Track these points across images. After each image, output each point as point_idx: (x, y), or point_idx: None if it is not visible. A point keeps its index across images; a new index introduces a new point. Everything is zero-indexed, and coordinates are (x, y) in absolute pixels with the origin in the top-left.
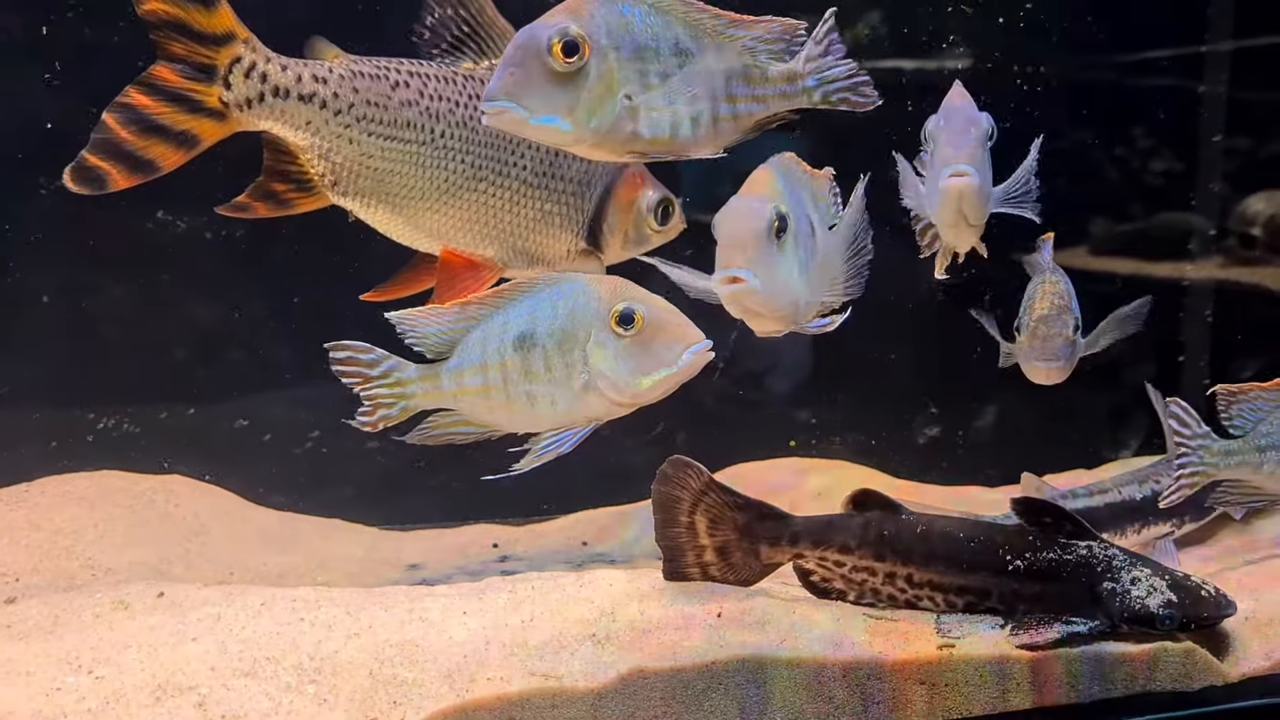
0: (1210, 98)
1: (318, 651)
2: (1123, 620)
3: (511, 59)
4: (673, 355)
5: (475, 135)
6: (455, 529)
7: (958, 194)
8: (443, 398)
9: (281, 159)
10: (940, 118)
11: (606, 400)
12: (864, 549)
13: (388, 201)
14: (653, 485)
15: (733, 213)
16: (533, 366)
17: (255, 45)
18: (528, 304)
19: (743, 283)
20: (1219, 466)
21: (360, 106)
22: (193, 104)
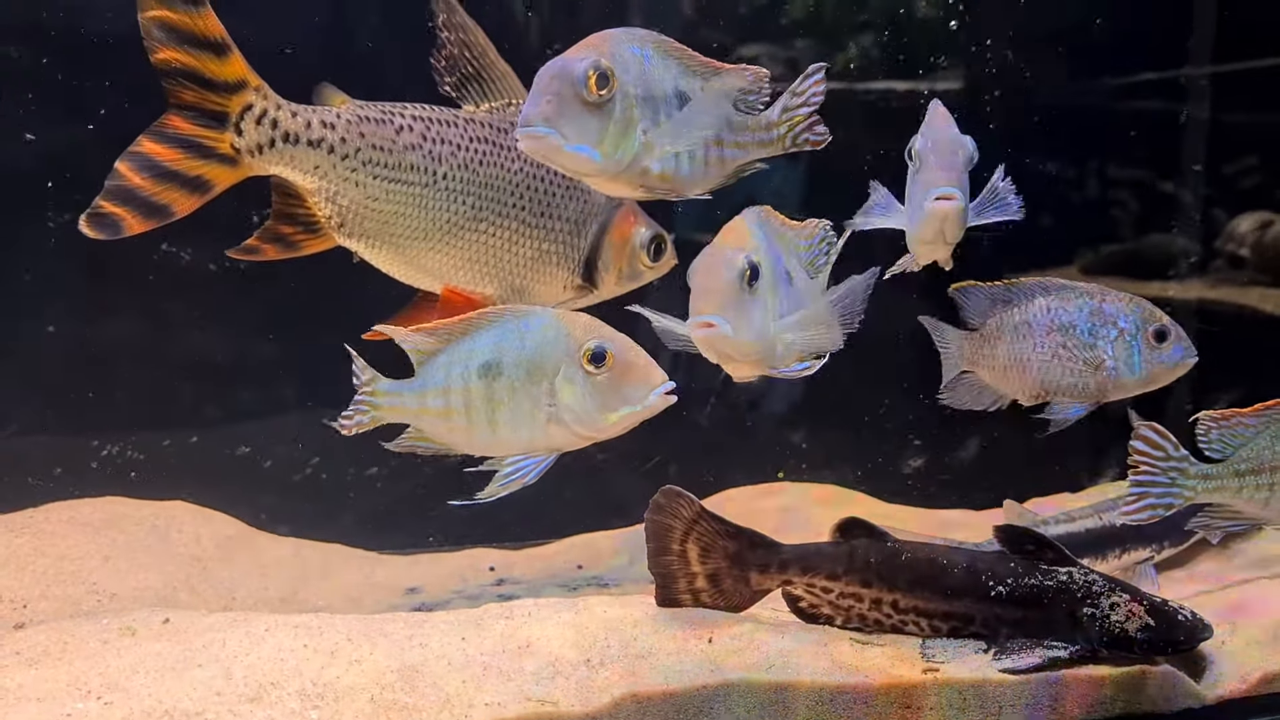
0: (1193, 122)
1: (320, 677)
2: (1102, 644)
3: (547, 87)
4: (639, 395)
5: (476, 177)
6: (453, 553)
7: (942, 216)
8: (406, 414)
9: (289, 202)
10: (926, 139)
11: (570, 433)
12: (851, 576)
13: (391, 242)
14: (646, 514)
15: (706, 261)
16: (497, 394)
17: (266, 92)
18: (495, 333)
19: (714, 328)
20: (1196, 490)
21: (366, 150)
22: (205, 150)
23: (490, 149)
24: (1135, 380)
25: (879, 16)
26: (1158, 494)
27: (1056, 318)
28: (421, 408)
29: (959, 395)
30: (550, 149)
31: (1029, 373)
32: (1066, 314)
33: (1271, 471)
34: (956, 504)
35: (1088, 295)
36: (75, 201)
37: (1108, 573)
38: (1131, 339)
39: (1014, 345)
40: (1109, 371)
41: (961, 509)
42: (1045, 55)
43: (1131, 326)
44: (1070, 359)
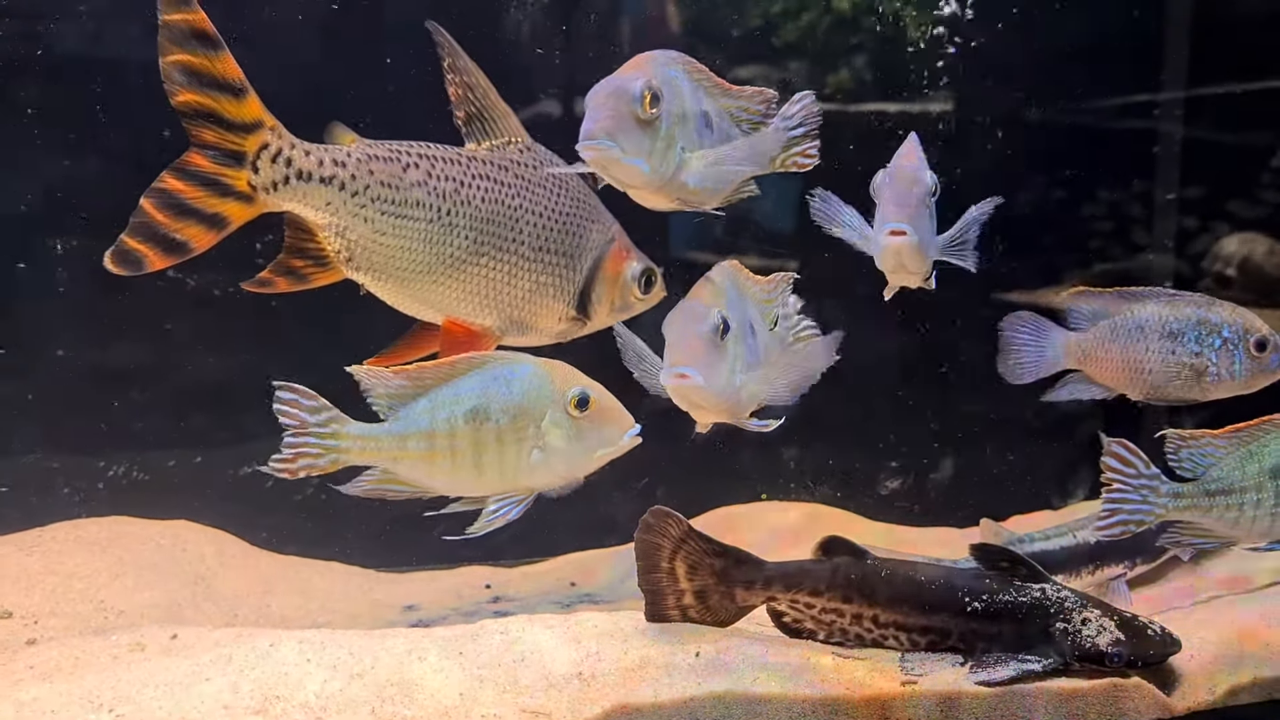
0: (1166, 145)
1: (324, 690)
2: (1075, 658)
3: (604, 105)
4: (615, 436)
5: (477, 213)
6: (450, 571)
7: (896, 251)
8: (379, 458)
9: (301, 237)
10: (887, 175)
11: (552, 473)
12: (833, 592)
13: (396, 275)
14: (635, 533)
15: (681, 316)
16: (483, 438)
17: (281, 131)
18: (478, 380)
19: (688, 379)
20: (1167, 508)
21: (375, 188)
22: (223, 188)
23: (491, 186)
24: (1235, 384)
25: (868, 39)
26: (1129, 510)
27: (1167, 325)
28: (401, 451)
29: (1065, 392)
30: (610, 160)
31: (1141, 374)
32: (1176, 322)
33: (1241, 492)
34: (934, 522)
35: (1195, 305)
36: (82, 227)
37: (1082, 588)
38: (1234, 347)
39: (1128, 349)
40: (1212, 377)
41: (941, 527)
42: (1027, 79)
43: (1234, 336)
44: (1178, 364)
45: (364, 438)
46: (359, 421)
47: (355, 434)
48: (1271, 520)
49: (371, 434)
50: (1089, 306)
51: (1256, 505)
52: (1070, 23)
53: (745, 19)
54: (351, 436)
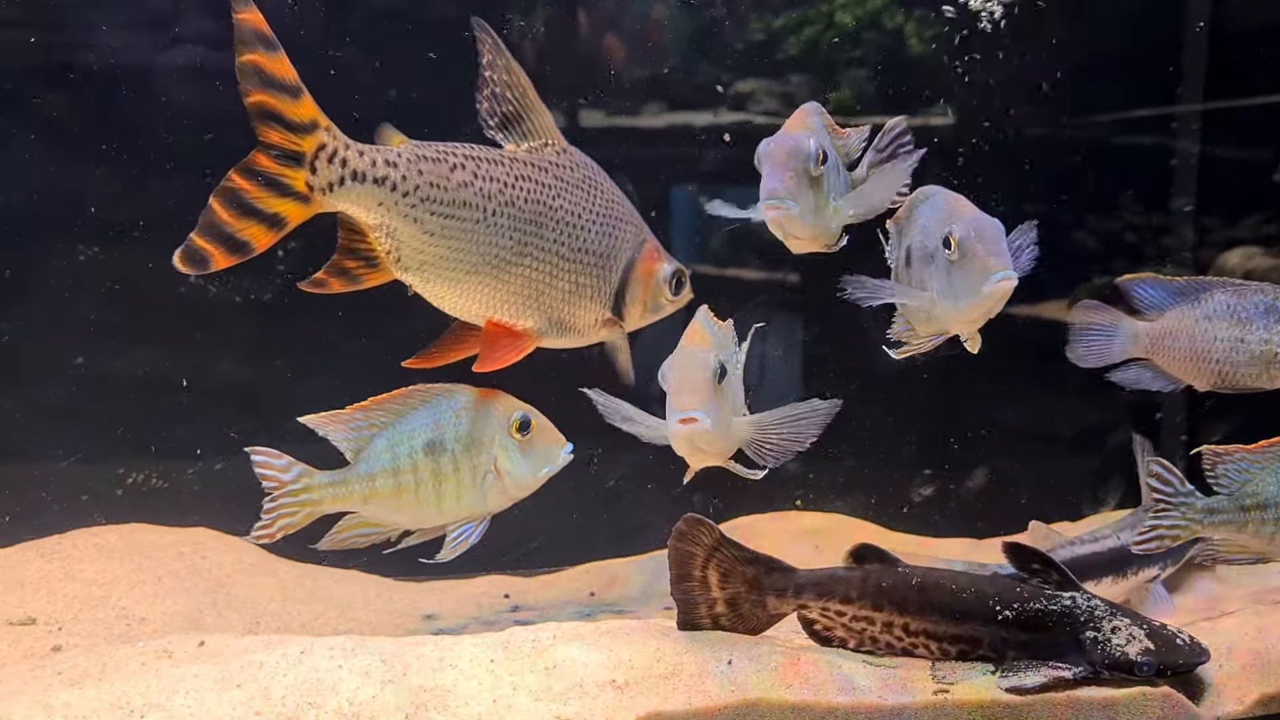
0: (1182, 159)
1: (356, 697)
2: (1104, 666)
3: (785, 164)
4: (554, 455)
5: (521, 213)
6: (468, 580)
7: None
8: (351, 501)
9: (354, 238)
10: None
11: (506, 494)
12: (863, 600)
13: (443, 276)
14: (669, 541)
15: (684, 362)
16: (443, 468)
17: (335, 132)
18: (428, 413)
19: (698, 423)
20: (1202, 523)
21: (425, 188)
22: (283, 188)
23: (532, 187)
24: None
25: (873, 53)
26: (1167, 527)
27: (1236, 314)
28: (370, 490)
29: (1131, 376)
30: (788, 219)
31: (1209, 363)
32: (1245, 311)
33: (1276, 507)
34: (964, 533)
35: (1261, 293)
36: (102, 234)
37: (1124, 590)
38: None
39: (1196, 338)
40: None
41: (969, 538)
42: (1036, 92)
43: None
44: (1247, 352)
45: (334, 484)
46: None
47: (325, 482)
48: None
49: (340, 479)
50: (1154, 293)
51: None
52: (1080, 34)
53: (747, 32)
54: (322, 486)
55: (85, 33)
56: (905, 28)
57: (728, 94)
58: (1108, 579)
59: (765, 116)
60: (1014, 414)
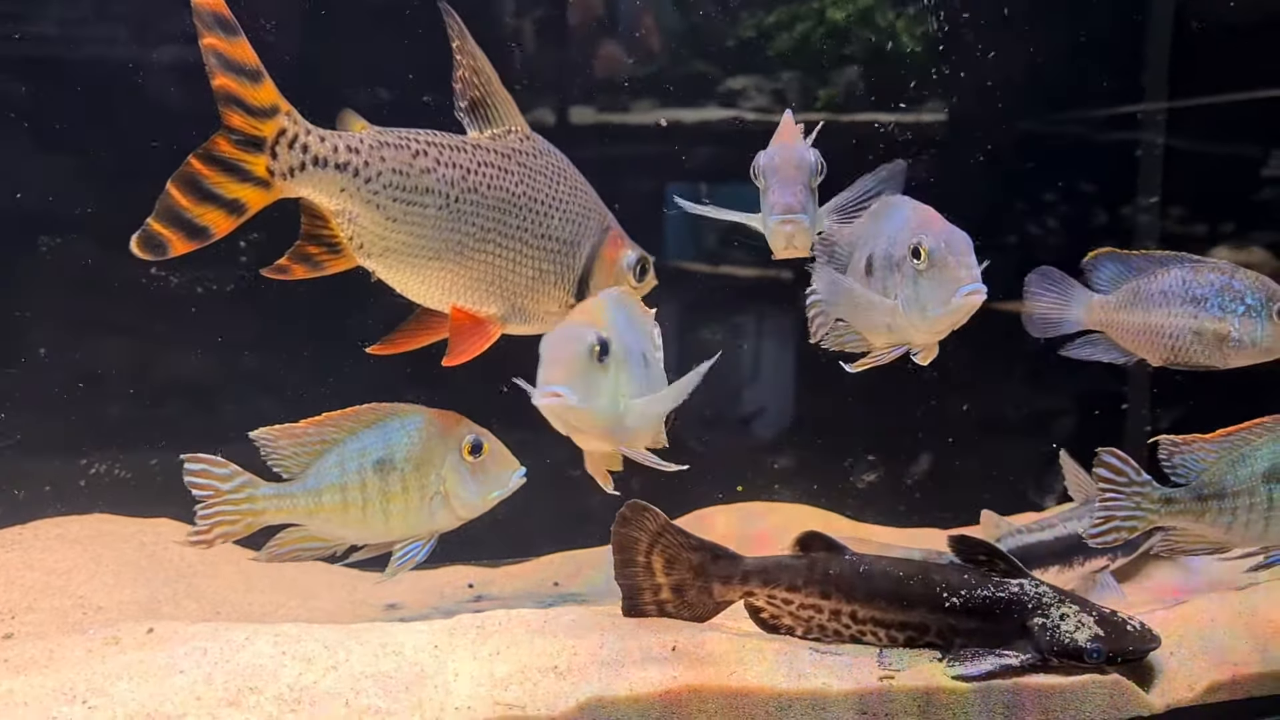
0: (1147, 154)
1: (298, 682)
2: (1052, 654)
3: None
4: (505, 479)
5: (483, 200)
6: (432, 571)
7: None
8: (295, 514)
9: (316, 224)
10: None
11: (454, 515)
12: (810, 587)
13: (406, 262)
14: (612, 527)
15: (557, 335)
16: (391, 487)
17: (296, 118)
18: (380, 432)
19: (559, 398)
20: (1159, 513)
21: (387, 174)
22: (243, 173)
23: (495, 173)
24: (1256, 351)
25: (861, 50)
26: (1122, 517)
27: (1191, 290)
28: (317, 505)
29: (1085, 351)
30: (800, 232)
31: (1162, 339)
32: (1200, 288)
33: (1234, 496)
34: (909, 522)
35: (1219, 271)
36: (65, 224)
37: (1070, 580)
38: (1257, 314)
39: (1150, 313)
40: (1234, 343)
41: (917, 526)
42: (1012, 90)
43: (1258, 303)
44: (1200, 329)
45: (279, 497)
46: (270, 482)
47: (270, 494)
48: (1265, 524)
49: (286, 492)
50: (1113, 268)
51: (1249, 509)
52: (1055, 31)
53: (739, 29)
54: (266, 498)
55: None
56: (896, 24)
57: (716, 90)
58: (1054, 568)
59: (754, 113)
60: (981, 404)
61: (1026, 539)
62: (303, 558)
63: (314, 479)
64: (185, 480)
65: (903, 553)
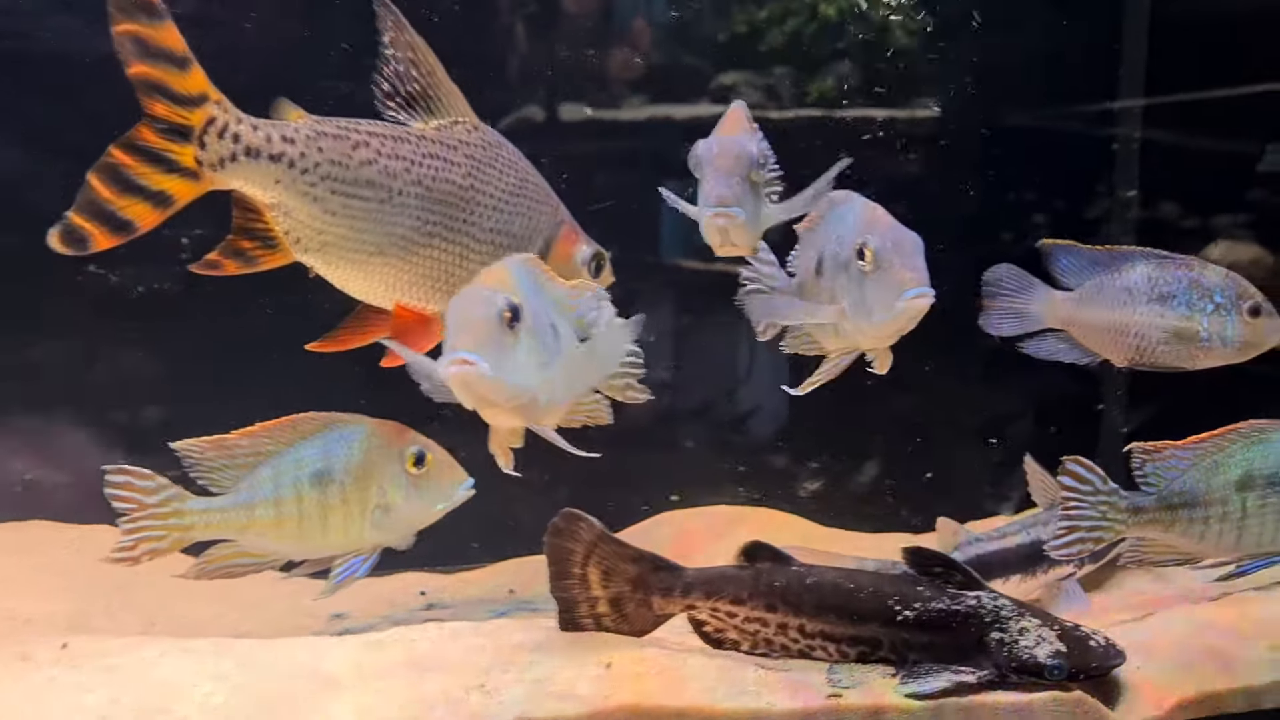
0: (1124, 148)
1: (208, 702)
2: (1011, 670)
3: (731, 170)
4: (450, 491)
5: (428, 193)
6: (384, 578)
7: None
8: (227, 529)
9: (249, 217)
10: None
11: (395, 529)
12: (756, 600)
13: (346, 258)
14: (545, 537)
15: (464, 298)
16: (330, 500)
17: (227, 106)
18: (319, 444)
19: (471, 366)
20: (1126, 523)
21: (325, 166)
22: (169, 164)
23: (441, 165)
24: (1227, 352)
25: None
26: (1088, 527)
27: (1157, 287)
28: (249, 520)
29: (1046, 349)
30: (735, 227)
31: (1126, 338)
32: (1166, 284)
33: (1205, 505)
34: (853, 526)
35: (1186, 267)
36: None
37: (1034, 588)
38: (1227, 313)
39: (1114, 310)
40: (1203, 342)
41: (885, 531)
42: (994, 86)
43: (1227, 301)
44: (1167, 328)
45: (209, 511)
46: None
47: (199, 509)
48: (1239, 534)
49: (217, 507)
50: (1075, 263)
51: (1222, 519)
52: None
53: (730, 25)
54: (195, 512)
55: None
56: (889, 19)
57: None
58: (1015, 577)
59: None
60: (930, 406)
61: (987, 547)
62: (235, 574)
63: (247, 492)
64: (105, 493)
65: (855, 563)
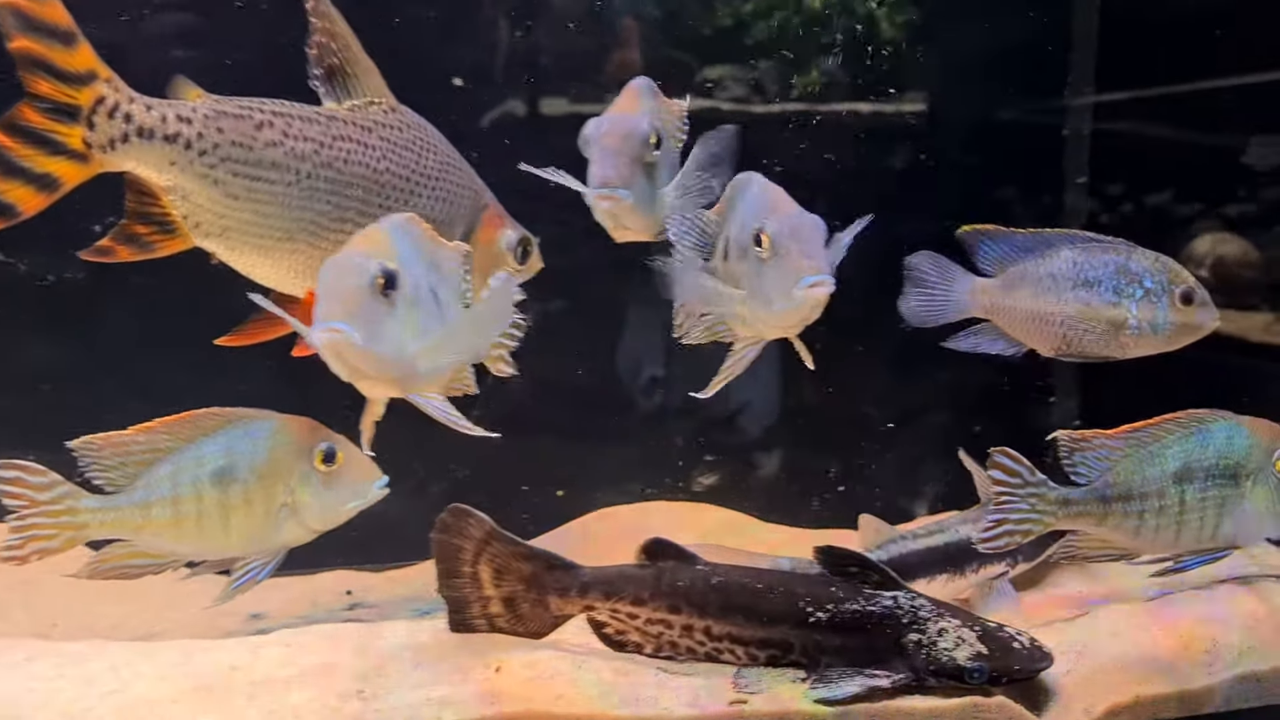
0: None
1: (70, 709)
2: (929, 673)
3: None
4: (363, 489)
5: (340, 176)
6: (310, 576)
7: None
8: (122, 529)
9: (144, 201)
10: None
11: (304, 529)
12: (658, 600)
13: (251, 243)
14: (432, 534)
15: (334, 264)
16: (232, 499)
17: (117, 84)
18: (222, 440)
19: (339, 334)
20: (1056, 515)
21: (225, 147)
22: (55, 145)
23: (354, 147)
24: (1158, 340)
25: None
26: (1016, 520)
27: (1082, 273)
28: (145, 520)
29: (970, 342)
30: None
31: (1051, 327)
32: (1092, 270)
33: (1141, 499)
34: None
35: (1114, 251)
36: None
37: (965, 588)
38: (1157, 299)
39: (1037, 298)
40: (1132, 330)
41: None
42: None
43: (1157, 287)
44: (1094, 316)
45: (103, 510)
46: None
47: (93, 507)
48: (1177, 530)
49: (111, 505)
50: (998, 249)
51: (1159, 513)
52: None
53: (716, 18)
54: (89, 510)
55: None
56: (876, 11)
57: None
58: (941, 577)
59: (731, 103)
60: (903, 400)
61: (911, 545)
62: (132, 575)
63: (143, 491)
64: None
65: (769, 563)
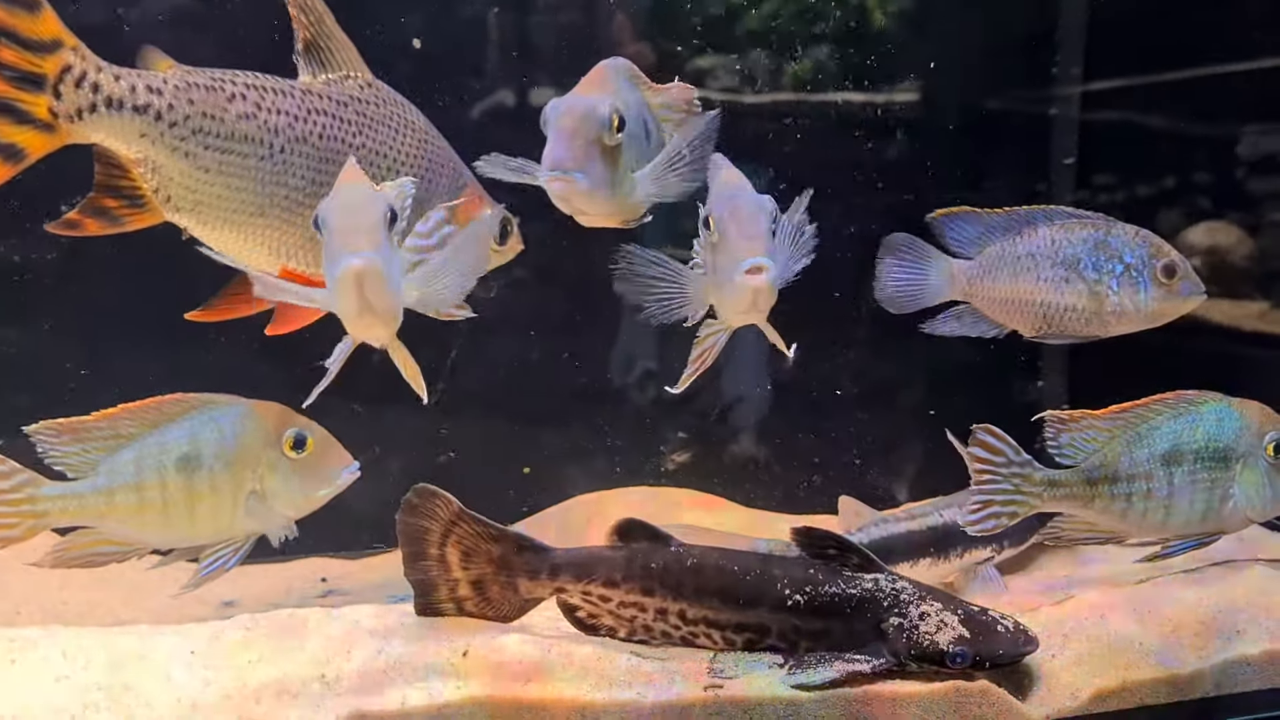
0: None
1: (18, 696)
2: (910, 657)
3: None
4: (334, 475)
5: (314, 150)
6: (284, 564)
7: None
8: (85, 516)
9: (113, 173)
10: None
11: (273, 517)
12: (630, 583)
13: (223, 218)
14: (398, 515)
15: (349, 198)
16: (197, 486)
17: (85, 54)
18: (187, 426)
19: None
20: (1041, 497)
21: (196, 119)
22: (20, 115)
23: (329, 122)
24: (1140, 318)
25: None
26: (1001, 501)
27: (1061, 251)
28: (108, 507)
29: (949, 326)
30: (575, 193)
31: (1032, 306)
32: (1071, 247)
33: (1129, 480)
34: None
35: (1092, 227)
36: None
37: (950, 572)
38: (1138, 274)
39: (1016, 278)
40: (1113, 308)
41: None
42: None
43: (1138, 261)
44: (1074, 294)
45: (65, 497)
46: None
47: (54, 494)
48: (1166, 512)
49: (73, 492)
50: (974, 230)
51: (1147, 495)
52: None
53: (706, 7)
54: (50, 498)
55: None
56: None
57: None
58: (925, 561)
59: (722, 93)
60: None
61: (893, 529)
62: (96, 563)
63: (105, 478)
64: None
65: (747, 545)
